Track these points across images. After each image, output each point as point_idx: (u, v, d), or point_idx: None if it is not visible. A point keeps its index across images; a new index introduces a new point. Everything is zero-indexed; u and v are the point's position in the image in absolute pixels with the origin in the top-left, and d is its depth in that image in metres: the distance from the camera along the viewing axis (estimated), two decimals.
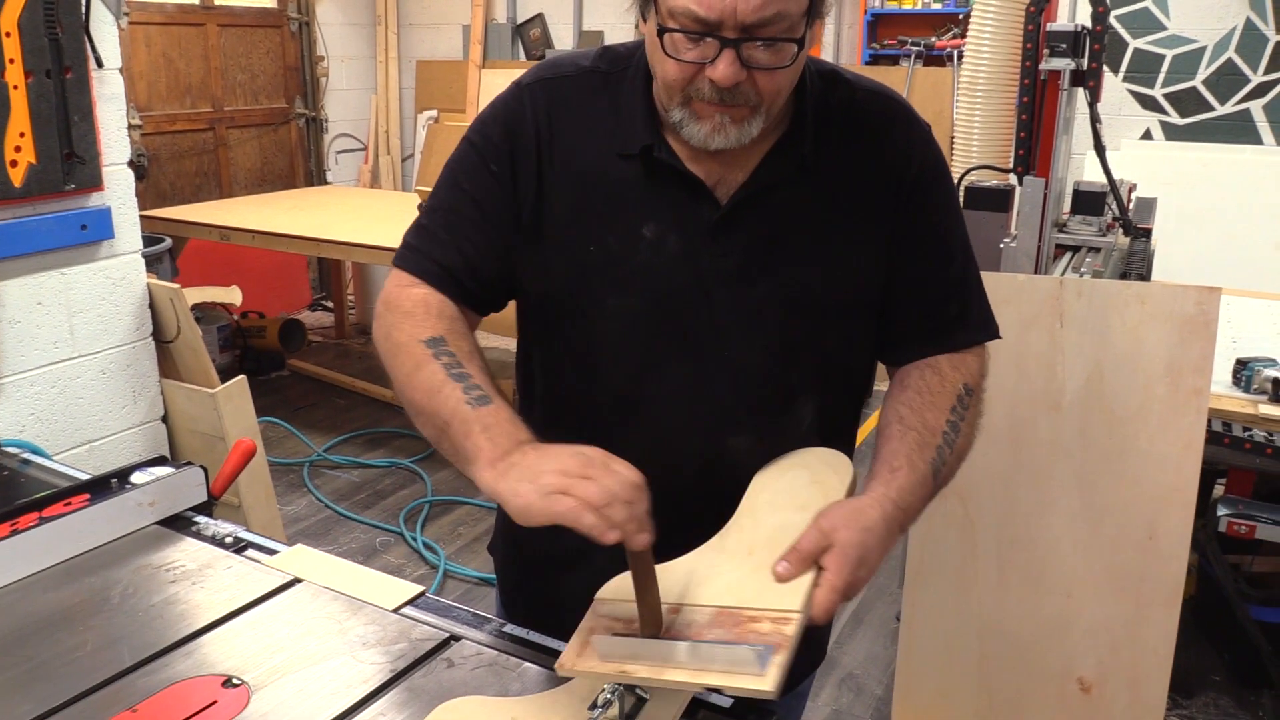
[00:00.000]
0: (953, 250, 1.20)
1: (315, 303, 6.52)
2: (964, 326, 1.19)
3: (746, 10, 0.96)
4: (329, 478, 4.06)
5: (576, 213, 1.14)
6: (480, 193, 1.15)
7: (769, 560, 0.96)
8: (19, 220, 2.17)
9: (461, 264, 1.15)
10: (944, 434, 1.11)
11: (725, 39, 0.98)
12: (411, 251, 1.17)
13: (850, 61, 5.55)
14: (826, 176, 1.13)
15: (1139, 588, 2.11)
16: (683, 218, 1.12)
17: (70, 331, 2.33)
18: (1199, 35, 4.80)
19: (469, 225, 1.15)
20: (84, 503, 1.37)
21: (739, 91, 1.01)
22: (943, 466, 1.10)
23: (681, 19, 0.99)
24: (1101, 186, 2.76)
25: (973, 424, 1.17)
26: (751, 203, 1.12)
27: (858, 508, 1.00)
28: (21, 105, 2.10)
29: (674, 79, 1.04)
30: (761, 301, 1.12)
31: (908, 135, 1.17)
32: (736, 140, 1.05)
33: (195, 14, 5.73)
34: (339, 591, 1.23)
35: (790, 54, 1.00)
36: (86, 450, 2.39)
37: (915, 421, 1.11)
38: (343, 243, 4.22)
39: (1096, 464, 2.11)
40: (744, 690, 0.85)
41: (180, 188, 5.76)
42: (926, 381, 1.16)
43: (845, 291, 1.15)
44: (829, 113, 1.14)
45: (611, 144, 1.13)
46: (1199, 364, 2.04)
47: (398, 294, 1.14)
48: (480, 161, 1.16)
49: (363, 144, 6.94)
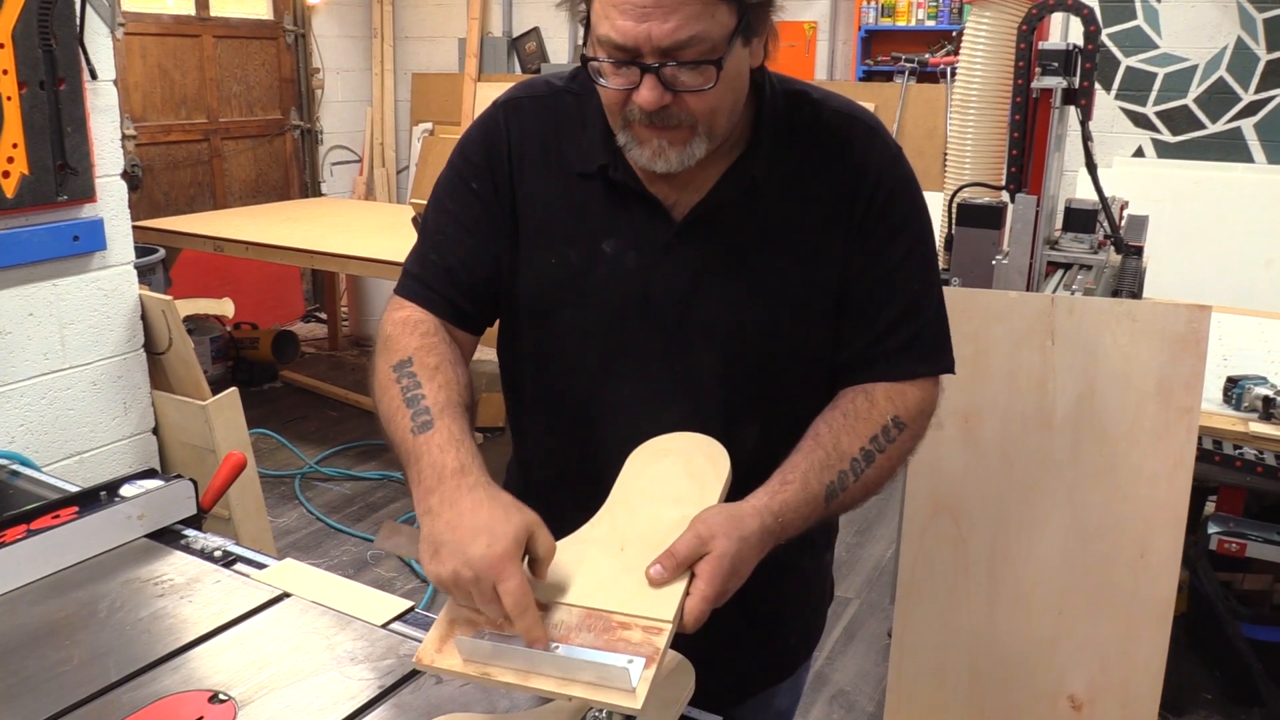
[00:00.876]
0: (905, 278, 1.16)
1: (309, 314, 6.51)
2: (908, 357, 1.16)
3: (660, 35, 0.97)
4: (320, 490, 4.05)
5: (542, 227, 1.17)
6: (463, 212, 1.19)
7: (641, 560, 0.95)
8: (11, 231, 2.16)
9: (448, 281, 1.18)
10: (853, 460, 1.09)
11: (644, 65, 1.00)
12: (406, 277, 1.22)
13: (844, 78, 5.58)
14: (780, 196, 1.14)
15: (1130, 605, 2.11)
16: (639, 235, 1.14)
17: (61, 342, 2.32)
18: (1190, 54, 4.83)
19: (454, 244, 1.19)
20: (72, 515, 1.36)
21: (669, 114, 1.03)
22: (841, 492, 1.08)
23: (605, 48, 1.01)
24: (1093, 204, 2.77)
25: (895, 457, 1.13)
26: (704, 222, 1.13)
27: (737, 515, 0.99)
28: (15, 116, 2.10)
29: (609, 105, 1.07)
30: (709, 320, 1.14)
31: (866, 156, 1.15)
32: (679, 163, 1.07)
33: (191, 25, 5.74)
34: (327, 606, 1.22)
35: (712, 75, 1.01)
36: (76, 462, 2.38)
37: (829, 441, 1.10)
38: (337, 255, 4.22)
39: (1088, 481, 2.11)
40: (611, 706, 0.85)
41: (174, 198, 5.76)
42: (856, 406, 1.13)
43: (791, 313, 1.14)
44: (791, 132, 1.15)
45: (576, 162, 1.16)
46: (1190, 382, 2.04)
47: (385, 320, 1.19)
48: (462, 181, 1.20)
49: (358, 156, 6.95)
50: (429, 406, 1.05)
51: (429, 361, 1.10)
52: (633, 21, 0.97)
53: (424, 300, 1.18)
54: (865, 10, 5.40)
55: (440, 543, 0.92)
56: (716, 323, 1.14)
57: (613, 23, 0.99)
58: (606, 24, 1.00)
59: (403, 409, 1.06)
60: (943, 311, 1.20)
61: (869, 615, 3.18)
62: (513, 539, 0.90)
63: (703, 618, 0.93)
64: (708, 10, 0.98)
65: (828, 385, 1.19)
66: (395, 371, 1.10)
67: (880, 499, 1.02)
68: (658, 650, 0.87)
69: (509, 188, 1.18)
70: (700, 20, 0.98)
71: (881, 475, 1.12)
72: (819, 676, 2.88)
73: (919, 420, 1.16)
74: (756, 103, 1.14)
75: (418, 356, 1.11)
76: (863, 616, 3.17)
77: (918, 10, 5.35)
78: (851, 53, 5.53)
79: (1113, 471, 2.09)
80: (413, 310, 1.18)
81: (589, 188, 1.15)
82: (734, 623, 1.04)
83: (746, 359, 1.15)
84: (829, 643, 3.02)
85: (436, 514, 0.95)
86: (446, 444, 1.00)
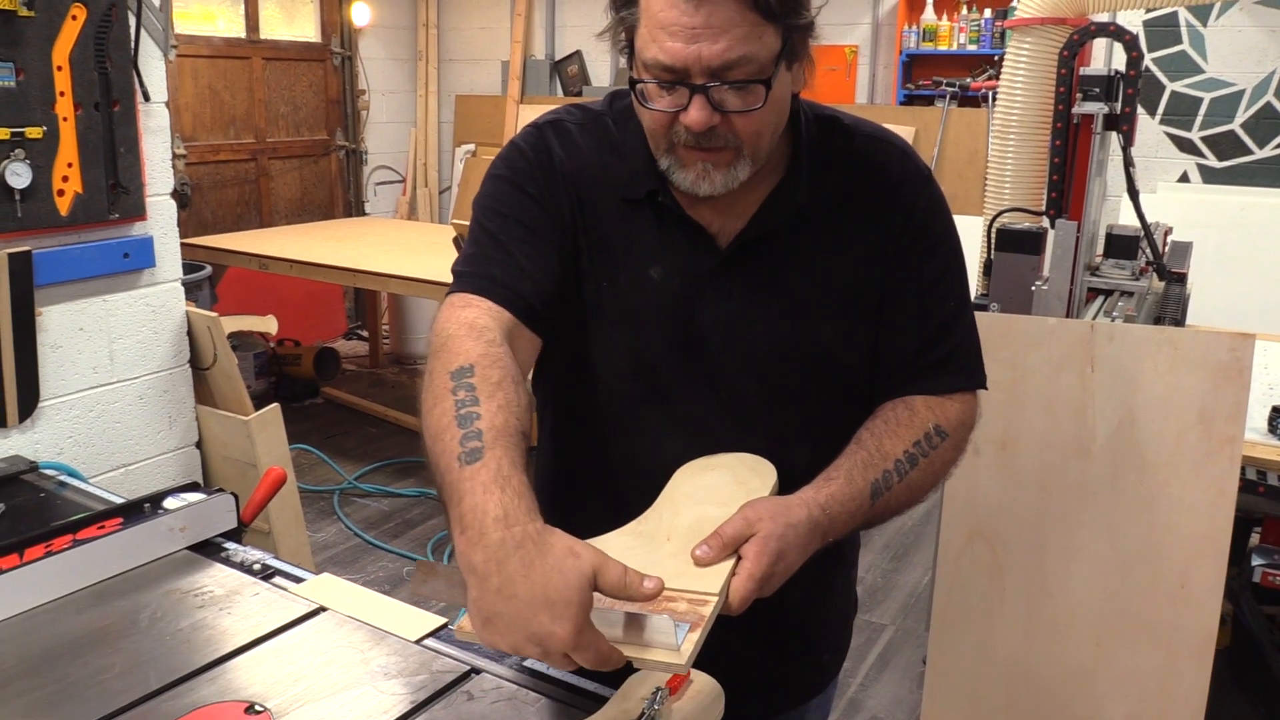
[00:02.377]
0: (942, 295, 1.19)
1: (350, 332, 6.59)
2: (947, 372, 1.18)
3: (711, 55, 0.98)
4: (359, 506, 4.09)
5: (593, 249, 1.16)
6: (523, 214, 1.14)
7: (686, 547, 0.95)
8: (64, 248, 2.22)
9: (517, 274, 1.10)
10: (897, 461, 1.10)
11: (694, 85, 1.01)
12: (463, 276, 1.12)
13: (885, 102, 5.58)
14: (822, 221, 1.15)
15: (1170, 638, 2.07)
16: (685, 262, 1.15)
17: (110, 357, 2.37)
18: (1237, 79, 4.78)
19: (518, 243, 1.12)
20: (117, 526, 1.40)
21: (716, 135, 1.04)
22: (886, 491, 1.08)
23: (653, 70, 1.02)
24: (1135, 230, 2.74)
25: (939, 464, 1.14)
26: (750, 249, 1.14)
27: (785, 504, 1.00)
28: (70, 137, 2.16)
29: (654, 128, 1.07)
30: (756, 346, 1.14)
31: (901, 179, 1.18)
32: (723, 186, 1.07)
33: (241, 47, 5.86)
34: (362, 621, 1.24)
35: (760, 95, 1.02)
36: (122, 474, 2.43)
37: (871, 445, 1.11)
38: (379, 273, 4.28)
39: (1127, 511, 2.09)
40: (657, 663, 0.84)
41: (222, 216, 5.87)
42: (897, 414, 1.15)
43: (836, 338, 1.16)
44: (826, 157, 1.16)
45: (620, 188, 1.16)
46: (1232, 411, 2.02)
47: (446, 319, 1.06)
48: (516, 188, 1.16)
49: (401, 176, 7.04)
50: (482, 430, 0.92)
51: (491, 375, 0.98)
52: (682, 43, 0.98)
53: (494, 295, 1.08)
54: (906, 35, 5.40)
55: (493, 614, 0.82)
56: (762, 348, 1.15)
57: (661, 45, 1.00)
58: (655, 47, 1.00)
59: (453, 427, 0.93)
60: (975, 328, 1.22)
61: (904, 642, 3.15)
62: (577, 606, 0.81)
63: (749, 597, 0.92)
64: (755, 32, 0.99)
65: (865, 403, 1.20)
66: (453, 380, 0.98)
67: (916, 524, 1.03)
68: (702, 617, 0.87)
69: (564, 202, 1.15)
70: (749, 42, 0.99)
71: (925, 480, 1.13)
72: (853, 703, 2.86)
73: (959, 431, 1.17)
74: (793, 129, 1.16)
75: (480, 366, 0.98)
76: (898, 643, 3.14)
77: (959, 35, 5.34)
78: (892, 77, 5.52)
79: (1152, 501, 2.07)
80: (479, 310, 1.06)
81: (636, 213, 1.16)
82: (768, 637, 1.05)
83: (792, 384, 1.16)
84: (863, 669, 3.00)
85: (484, 578, 0.83)
86: (491, 483, 0.87)
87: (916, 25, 5.40)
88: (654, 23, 1.00)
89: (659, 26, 1.00)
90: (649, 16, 1.01)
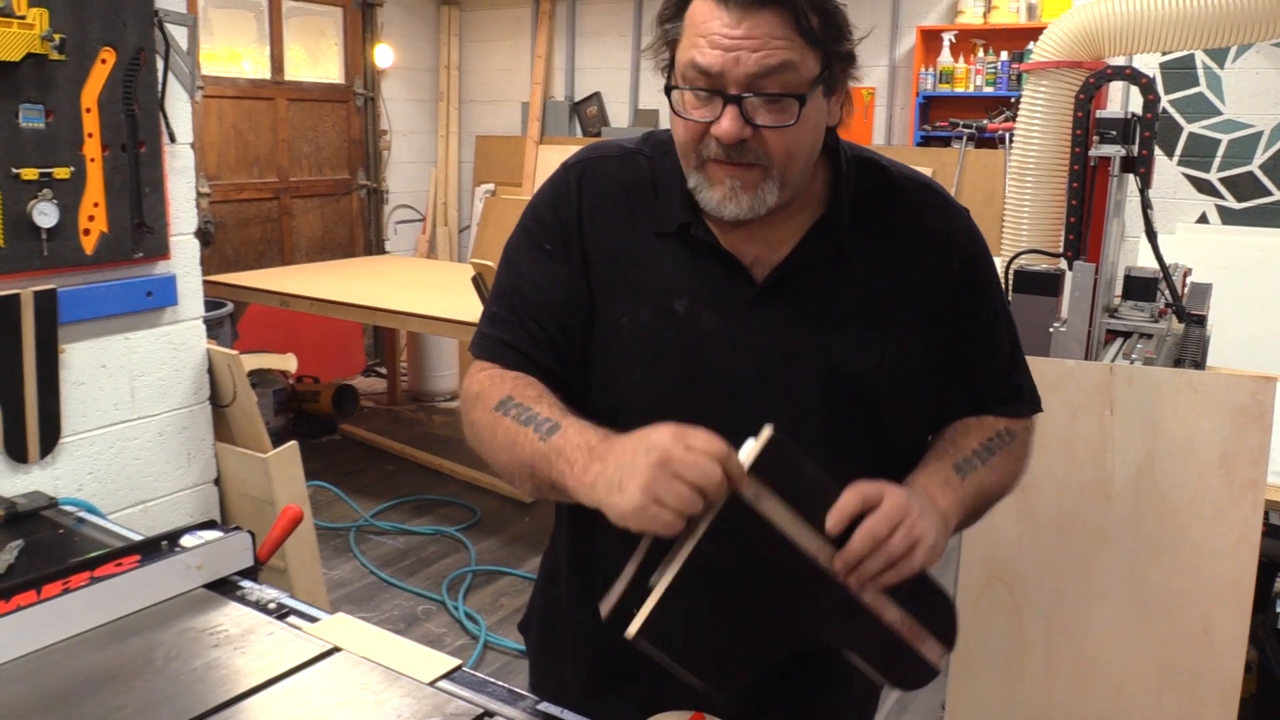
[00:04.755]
0: (1001, 333, 1.24)
1: (369, 369, 6.62)
2: (1015, 402, 1.25)
3: (748, 63, 1.00)
4: (375, 543, 4.09)
5: (613, 285, 1.17)
6: (537, 272, 1.19)
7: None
8: (89, 286, 2.25)
9: (527, 340, 1.18)
10: (974, 450, 1.17)
11: (728, 95, 1.02)
12: (482, 338, 1.22)
13: (902, 143, 5.60)
14: (864, 259, 1.15)
15: (1194, 685, 2.04)
16: (718, 295, 1.14)
17: (131, 394, 2.39)
18: (1255, 120, 4.78)
19: (530, 304, 1.18)
20: (134, 564, 1.40)
21: (746, 149, 1.05)
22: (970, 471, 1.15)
23: (690, 76, 1.04)
24: (1154, 272, 2.74)
25: (1013, 458, 1.21)
26: (788, 282, 1.14)
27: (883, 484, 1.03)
28: (97, 177, 2.20)
29: (685, 139, 1.08)
30: (796, 380, 1.14)
31: (947, 220, 1.20)
32: (749, 209, 1.08)
33: (266, 88, 5.95)
34: (376, 662, 1.24)
35: (793, 112, 1.03)
36: (140, 510, 2.44)
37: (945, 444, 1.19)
38: (398, 311, 4.30)
39: (1148, 555, 2.06)
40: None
41: (244, 254, 5.93)
42: (966, 424, 1.21)
43: (881, 374, 1.16)
44: (866, 197, 1.17)
45: (650, 222, 1.17)
46: (1254, 455, 2.00)
47: (470, 381, 1.19)
48: (535, 243, 1.21)
49: (421, 215, 7.10)
50: (549, 418, 1.06)
51: (530, 393, 1.11)
52: (722, 51, 1.00)
53: (508, 361, 1.18)
54: (923, 77, 5.43)
55: (619, 478, 0.93)
56: (799, 385, 1.14)
57: (701, 50, 1.02)
58: (694, 51, 1.03)
59: (523, 429, 1.07)
60: (1023, 354, 1.28)
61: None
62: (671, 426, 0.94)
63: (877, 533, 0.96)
64: (795, 49, 1.01)
65: (910, 446, 1.22)
66: (499, 410, 1.11)
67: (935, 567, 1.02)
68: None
69: (580, 247, 1.18)
70: (787, 54, 1.01)
71: (1005, 467, 1.19)
72: None
73: (1025, 435, 1.25)
74: (833, 166, 1.17)
75: (516, 394, 1.12)
76: None
77: (975, 77, 5.36)
78: (909, 118, 5.55)
79: (1174, 545, 2.04)
80: (496, 370, 1.18)
81: (663, 248, 1.16)
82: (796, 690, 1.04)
83: (828, 428, 1.15)
84: (882, 714, 2.96)
85: (604, 461, 0.96)
86: (584, 429, 1.03)
87: (933, 67, 5.43)
88: (696, 32, 1.03)
89: (701, 34, 1.02)
90: (692, 27, 1.04)
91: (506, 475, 1.11)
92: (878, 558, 0.96)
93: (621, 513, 0.92)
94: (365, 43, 6.49)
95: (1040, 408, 1.28)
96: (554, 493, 1.05)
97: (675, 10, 1.07)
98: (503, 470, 1.11)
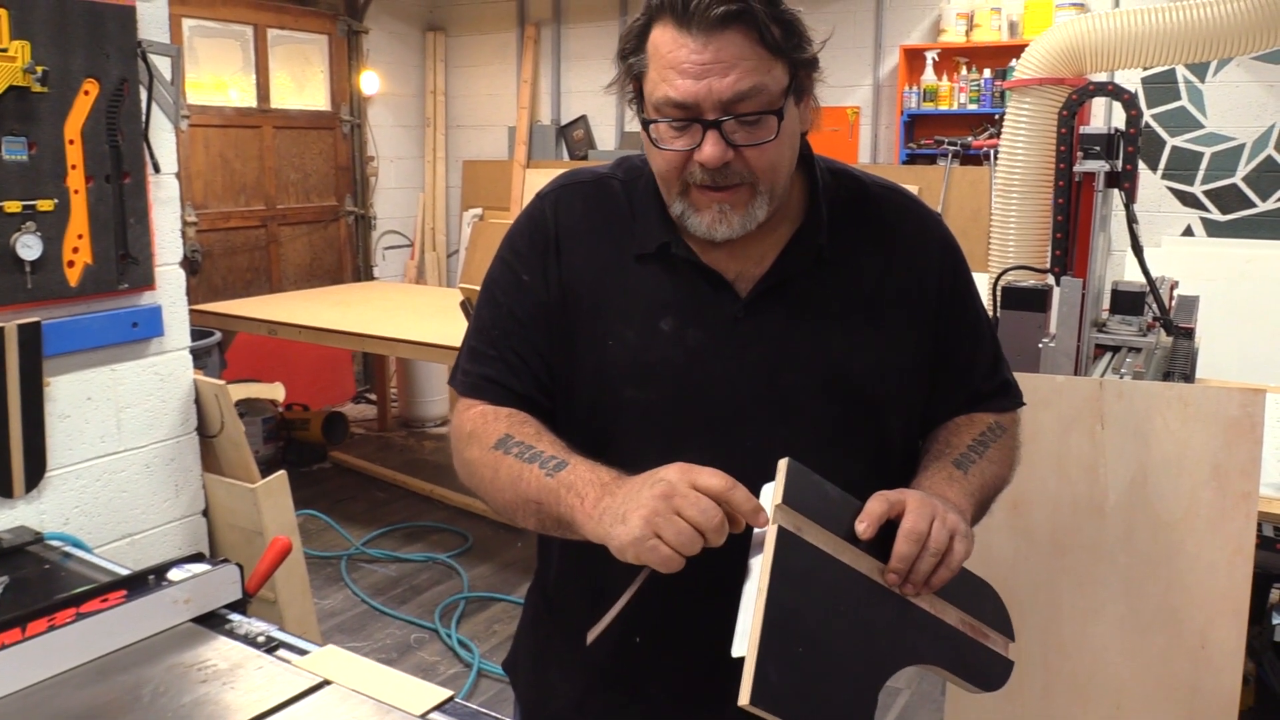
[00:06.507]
0: (984, 331, 1.28)
1: (359, 395, 6.60)
2: (1002, 395, 1.29)
3: (721, 89, 1.01)
4: (366, 571, 4.06)
5: (595, 310, 1.17)
6: (516, 305, 1.20)
7: None
8: (73, 318, 2.23)
9: (509, 374, 1.18)
10: (969, 446, 1.19)
11: (706, 121, 1.02)
12: (464, 375, 1.22)
13: (888, 161, 5.63)
14: (846, 266, 1.17)
15: (1191, 699, 2.03)
16: (703, 311, 1.15)
17: (117, 426, 2.37)
18: (1237, 133, 4.82)
19: (511, 337, 1.19)
20: (121, 599, 1.38)
21: (731, 171, 1.05)
22: (969, 465, 1.17)
23: (664, 110, 1.04)
24: (1140, 286, 2.75)
25: (1005, 450, 1.24)
26: (773, 294, 1.15)
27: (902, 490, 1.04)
28: (81, 209, 2.19)
29: (666, 169, 1.08)
30: (788, 391, 1.14)
31: (924, 225, 1.23)
32: (741, 227, 1.09)
33: (252, 116, 5.95)
34: (367, 695, 1.22)
35: (772, 127, 1.04)
36: (127, 543, 2.42)
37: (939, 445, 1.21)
38: (387, 338, 4.29)
39: (1143, 570, 2.06)
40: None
41: (232, 282, 5.92)
42: (956, 423, 1.24)
43: (874, 378, 1.17)
44: (843, 205, 1.19)
45: (629, 245, 1.18)
46: (1246, 467, 2.00)
47: (460, 421, 1.19)
48: (513, 275, 1.21)
49: (409, 241, 7.10)
50: (554, 455, 1.06)
51: (528, 430, 1.12)
52: (693, 79, 1.01)
53: (491, 396, 1.18)
54: (907, 95, 5.46)
55: (623, 510, 0.94)
56: (790, 400, 1.14)
57: (672, 84, 1.02)
58: (665, 86, 1.03)
59: (527, 467, 1.07)
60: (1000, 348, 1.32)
61: (920, 706, 3.09)
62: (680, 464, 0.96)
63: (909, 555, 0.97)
64: (764, 65, 1.02)
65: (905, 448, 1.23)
66: (499, 449, 1.11)
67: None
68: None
69: (557, 275, 1.18)
70: (758, 73, 1.02)
71: (1002, 458, 1.22)
72: None
73: (1014, 427, 1.28)
74: (808, 177, 1.18)
75: (514, 430, 1.12)
76: (914, 707, 3.08)
77: (959, 95, 5.40)
78: (894, 136, 5.58)
79: (1168, 559, 2.04)
80: (484, 407, 1.18)
81: (644, 270, 1.16)
82: None
83: (824, 437, 1.15)
84: None
85: (613, 496, 0.97)
86: (594, 465, 1.03)
87: (917, 86, 5.47)
88: (663, 63, 1.03)
89: (669, 66, 1.02)
90: (658, 58, 1.04)
91: (508, 513, 1.11)
92: (926, 557, 0.97)
93: (621, 543, 0.93)
94: (351, 69, 6.50)
95: (1022, 399, 1.32)
96: (560, 528, 1.04)
97: (637, 43, 1.07)
98: (504, 507, 1.11)
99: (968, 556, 1.00)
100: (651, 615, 1.03)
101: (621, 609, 0.99)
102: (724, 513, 0.93)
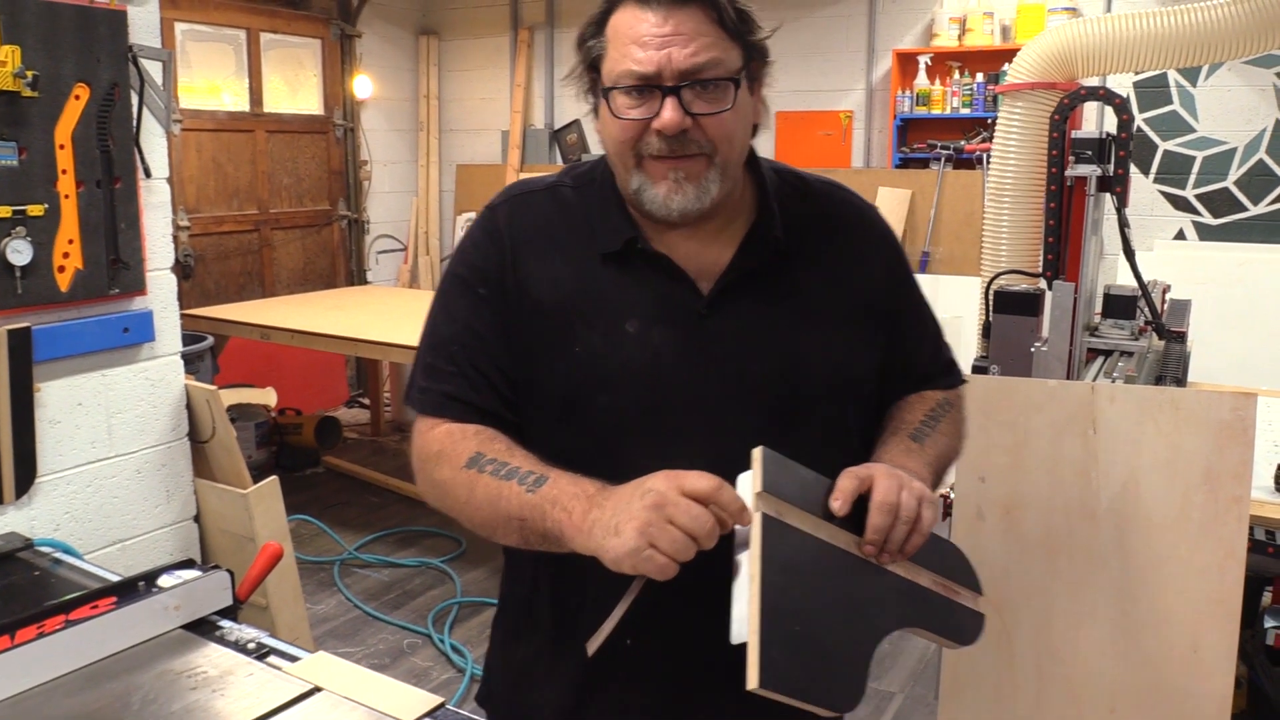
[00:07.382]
0: (928, 314, 1.34)
1: (352, 399, 6.59)
2: (948, 373, 1.35)
3: (680, 58, 1.05)
4: (359, 576, 4.05)
5: (558, 317, 1.17)
6: (474, 319, 1.18)
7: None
8: (64, 323, 2.22)
9: (469, 389, 1.17)
10: (921, 421, 1.24)
11: (665, 87, 1.06)
12: (423, 393, 1.19)
13: (881, 165, 5.64)
14: (802, 261, 1.20)
15: (1184, 703, 2.03)
16: (668, 311, 1.16)
17: (108, 432, 2.37)
18: (1229, 137, 4.84)
19: (470, 352, 1.18)
20: (110, 606, 1.38)
21: (688, 140, 1.08)
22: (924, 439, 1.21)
23: (623, 79, 1.08)
24: (1133, 290, 2.75)
25: (955, 423, 1.30)
26: (735, 289, 1.17)
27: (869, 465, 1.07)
28: (71, 214, 2.18)
29: (622, 139, 1.11)
30: (757, 385, 1.16)
31: (866, 216, 1.29)
32: (696, 200, 1.10)
33: (245, 121, 5.95)
34: (358, 702, 1.22)
35: (729, 96, 1.07)
36: (118, 550, 2.41)
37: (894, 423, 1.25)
38: (380, 342, 4.29)
39: (1135, 574, 2.06)
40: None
41: (225, 287, 5.90)
42: (907, 400, 1.29)
43: (839, 367, 1.20)
44: (791, 200, 1.22)
45: (588, 248, 1.18)
46: (1238, 471, 2.00)
47: (423, 441, 1.17)
48: (467, 289, 1.20)
49: (403, 245, 7.10)
50: (531, 470, 1.06)
51: (499, 447, 1.11)
52: (654, 50, 1.05)
53: (452, 414, 1.16)
54: (900, 99, 5.47)
55: (615, 521, 0.94)
56: (759, 391, 1.16)
57: (633, 57, 1.06)
58: (627, 60, 1.06)
59: (505, 484, 1.06)
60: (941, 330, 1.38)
61: (913, 710, 3.09)
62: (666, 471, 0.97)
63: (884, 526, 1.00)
64: (721, 42, 1.07)
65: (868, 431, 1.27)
66: (471, 468, 1.09)
67: None
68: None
69: (516, 285, 1.17)
70: (716, 48, 1.06)
71: (952, 431, 1.28)
72: None
73: (959, 403, 1.34)
74: (756, 174, 1.21)
75: (484, 448, 1.11)
76: (907, 712, 3.08)
77: (952, 99, 5.41)
78: (887, 141, 5.59)
79: (1161, 564, 2.04)
80: (449, 426, 1.16)
81: (604, 273, 1.16)
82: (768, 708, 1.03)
83: (793, 425, 1.16)
84: None
85: (601, 508, 0.98)
86: (576, 478, 1.03)
87: (910, 90, 5.48)
88: (624, 40, 1.07)
89: (630, 42, 1.06)
90: (617, 36, 1.08)
91: (487, 530, 1.10)
92: (899, 525, 1.00)
93: (617, 555, 0.93)
94: (344, 74, 6.50)
95: (965, 379, 1.38)
96: (545, 543, 1.04)
97: (597, 27, 1.12)
98: (482, 525, 1.10)
99: (936, 522, 1.04)
100: (642, 616, 1.03)
101: (621, 618, 0.99)
102: (715, 517, 0.94)
